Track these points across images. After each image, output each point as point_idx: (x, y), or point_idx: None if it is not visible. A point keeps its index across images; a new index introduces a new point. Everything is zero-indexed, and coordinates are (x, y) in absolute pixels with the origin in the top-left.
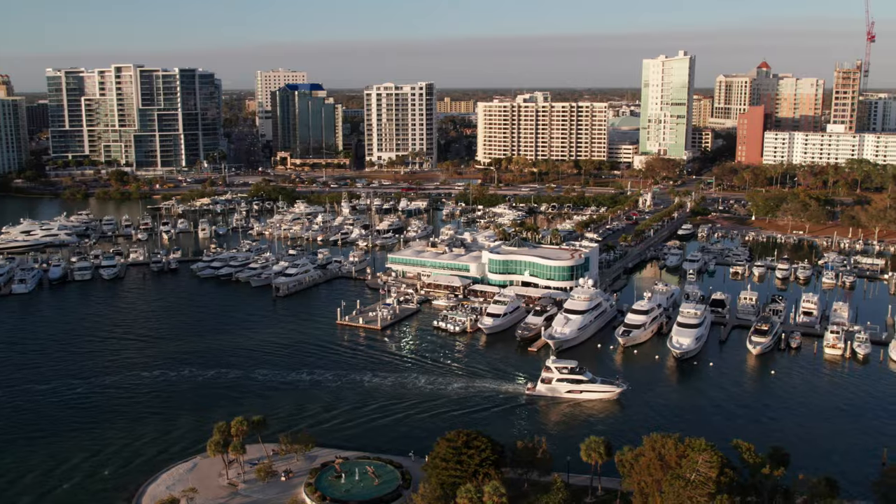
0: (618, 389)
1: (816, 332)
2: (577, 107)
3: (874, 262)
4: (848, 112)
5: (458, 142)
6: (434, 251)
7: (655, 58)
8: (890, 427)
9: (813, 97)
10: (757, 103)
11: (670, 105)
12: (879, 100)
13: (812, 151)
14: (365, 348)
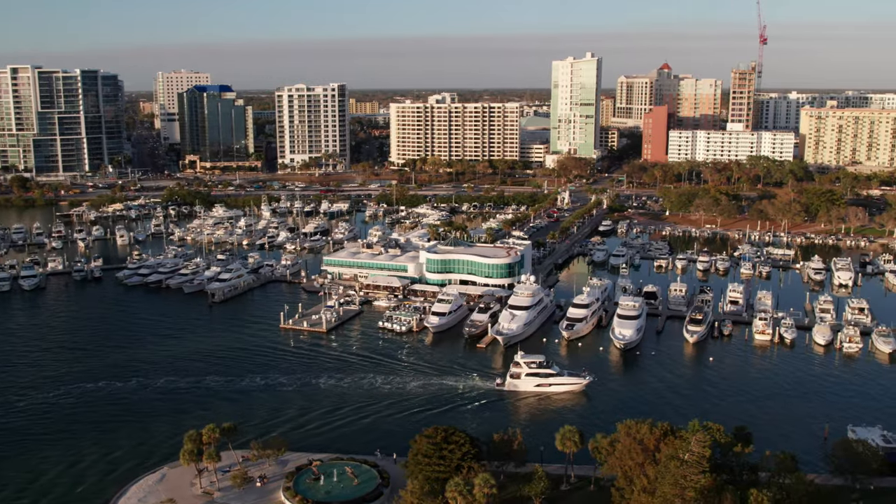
0: (584, 381)
1: (744, 320)
2: (489, 107)
3: (785, 252)
4: (744, 111)
5: (367, 143)
6: (370, 252)
7: (564, 59)
8: (826, 405)
9: (712, 97)
10: (659, 103)
11: (579, 105)
12: (770, 99)
13: (714, 149)
14: (314, 351)
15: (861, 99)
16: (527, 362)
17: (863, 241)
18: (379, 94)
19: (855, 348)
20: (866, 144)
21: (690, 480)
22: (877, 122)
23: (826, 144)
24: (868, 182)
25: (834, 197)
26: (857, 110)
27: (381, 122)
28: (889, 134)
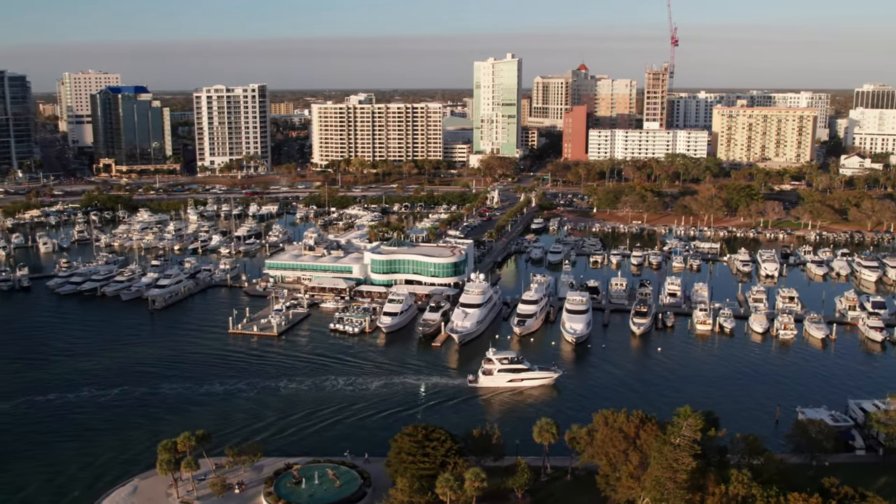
0: (555, 375)
1: (684, 312)
2: (412, 108)
3: (712, 245)
4: (659, 110)
5: (286, 144)
6: (313, 254)
7: (485, 60)
8: (771, 389)
9: (628, 97)
10: (577, 103)
11: (501, 105)
12: (681, 98)
13: (632, 147)
14: (269, 355)
15: (765, 98)
16: (499, 358)
17: (781, 233)
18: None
19: (790, 335)
20: (774, 141)
21: (682, 463)
22: (784, 121)
23: (737, 142)
24: (780, 177)
25: (752, 192)
26: (765, 109)
27: (298, 123)
28: (795, 131)
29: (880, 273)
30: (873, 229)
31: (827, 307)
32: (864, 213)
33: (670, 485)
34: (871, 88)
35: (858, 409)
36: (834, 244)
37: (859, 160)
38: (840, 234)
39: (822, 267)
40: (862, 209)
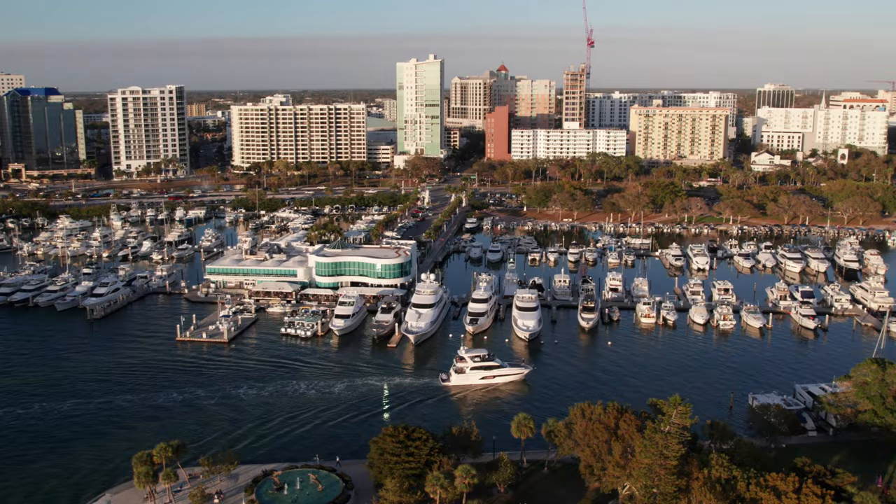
0: (525, 370)
1: (627, 306)
2: (335, 109)
3: (643, 241)
4: (577, 110)
5: (202, 147)
6: (255, 259)
7: (408, 61)
8: (719, 377)
9: (547, 97)
10: (498, 104)
11: (425, 106)
12: (596, 98)
13: (553, 147)
14: (223, 362)
15: (676, 98)
16: (471, 356)
17: (705, 228)
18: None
19: (730, 325)
20: (689, 140)
21: (672, 450)
22: (698, 120)
23: (654, 140)
24: (697, 174)
25: (676, 189)
26: (680, 109)
27: (212, 125)
28: (709, 130)
29: (804, 264)
30: (790, 222)
31: (758, 298)
32: (780, 208)
33: (661, 471)
34: (772, 88)
35: (806, 393)
36: (756, 238)
37: (769, 157)
38: (760, 227)
39: (749, 260)
40: (779, 204)
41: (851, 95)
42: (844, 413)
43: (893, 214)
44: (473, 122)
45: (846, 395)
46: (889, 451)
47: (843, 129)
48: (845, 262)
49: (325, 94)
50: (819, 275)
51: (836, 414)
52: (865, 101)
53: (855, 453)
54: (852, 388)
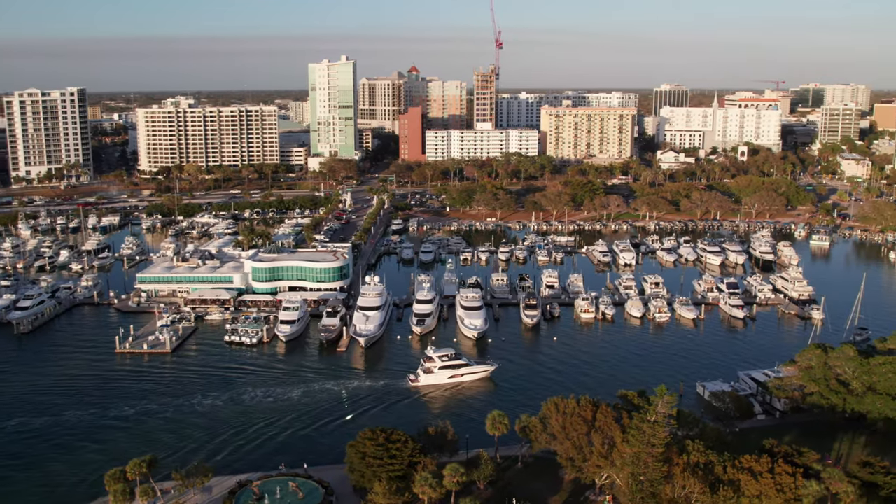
0: (491, 367)
1: (565, 302)
2: (246, 110)
3: (568, 239)
4: (489, 111)
5: (103, 151)
6: (187, 266)
7: (320, 62)
8: (666, 366)
9: (458, 98)
10: (410, 105)
11: (338, 108)
12: (503, 99)
13: (467, 147)
14: (169, 373)
15: (580, 98)
16: (439, 356)
17: (624, 224)
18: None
19: (665, 317)
20: (598, 139)
21: (659, 438)
22: (606, 119)
23: (565, 140)
24: (609, 173)
25: (594, 187)
26: (589, 109)
27: (111, 129)
28: (617, 129)
29: (723, 257)
30: (703, 217)
31: (685, 290)
32: (693, 204)
33: (649, 459)
34: (668, 88)
35: (749, 380)
36: (675, 233)
37: (674, 154)
38: (675, 223)
39: (671, 254)
40: (692, 200)
41: (746, 95)
42: (792, 396)
43: (797, 208)
44: (382, 123)
45: (792, 379)
46: (832, 429)
47: (740, 127)
48: (761, 255)
49: (222, 96)
50: (738, 267)
51: (783, 398)
52: (759, 100)
53: (803, 434)
54: (798, 373)
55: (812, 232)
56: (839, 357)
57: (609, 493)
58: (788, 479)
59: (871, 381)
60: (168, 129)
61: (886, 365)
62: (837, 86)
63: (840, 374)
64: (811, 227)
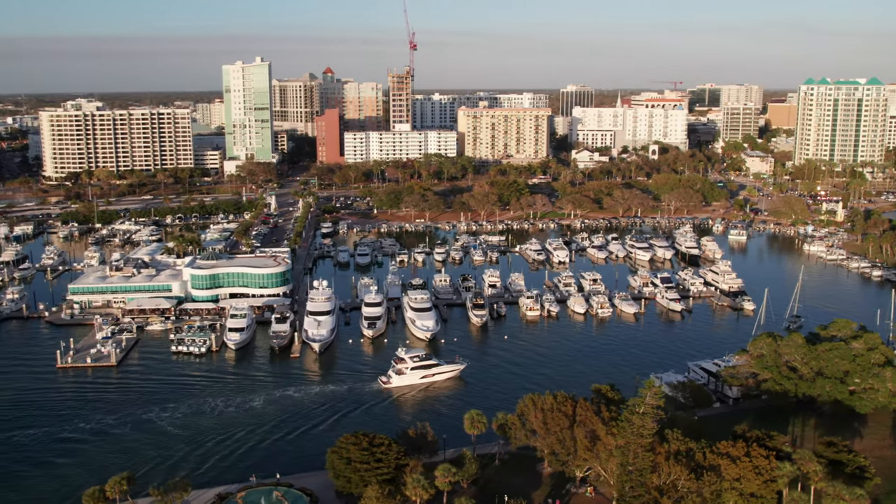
0: (461, 366)
1: (508, 301)
2: (158, 114)
3: (500, 238)
4: (405, 112)
5: (2, 156)
6: (121, 275)
7: (234, 63)
8: (617, 359)
9: (374, 100)
10: (326, 106)
11: (253, 110)
12: (417, 100)
13: (386, 148)
14: (118, 386)
15: (492, 99)
16: (411, 357)
17: (550, 223)
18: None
19: (607, 313)
20: (515, 139)
21: (647, 429)
22: (522, 120)
23: (483, 140)
24: (530, 172)
25: (519, 187)
26: (506, 110)
27: (5, 133)
28: (533, 130)
29: (652, 253)
30: (625, 215)
31: (620, 286)
32: (616, 202)
33: (639, 450)
34: (574, 89)
35: (699, 369)
36: (602, 230)
37: (589, 154)
38: (599, 220)
39: (602, 251)
40: (614, 198)
41: (651, 95)
42: (746, 384)
43: (711, 204)
44: (295, 124)
45: (744, 367)
46: (784, 413)
47: (649, 126)
48: (687, 249)
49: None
50: (666, 262)
51: (737, 385)
52: (664, 100)
53: (758, 419)
54: (751, 361)
55: (729, 227)
56: (789, 345)
57: (590, 485)
58: (764, 462)
59: (820, 366)
60: (75, 133)
61: (832, 351)
62: (732, 86)
63: (790, 361)
64: (727, 222)
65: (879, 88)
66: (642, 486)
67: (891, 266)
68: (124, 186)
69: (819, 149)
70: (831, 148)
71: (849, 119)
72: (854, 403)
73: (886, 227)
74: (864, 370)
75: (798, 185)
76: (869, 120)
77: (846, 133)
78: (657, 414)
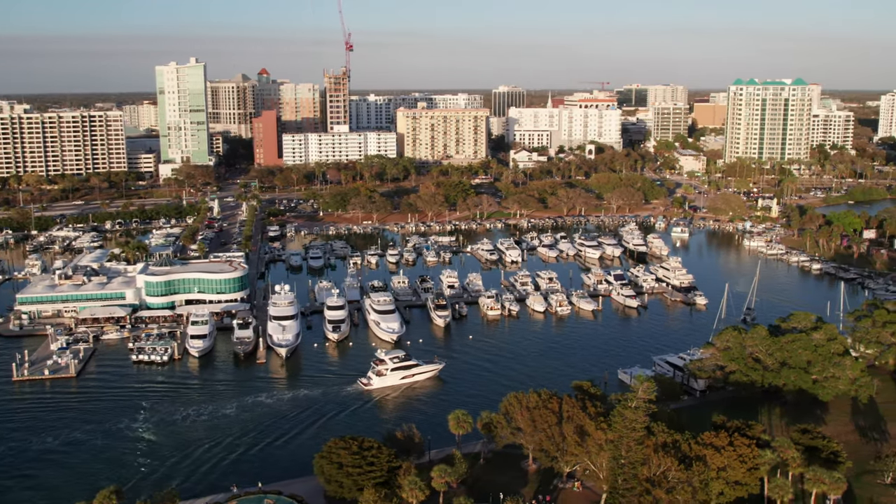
0: (439, 366)
1: (468, 301)
2: (90, 116)
3: (450, 239)
4: (342, 113)
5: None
6: (71, 283)
7: (168, 64)
8: (583, 355)
9: (311, 101)
10: (263, 108)
11: (189, 112)
12: (353, 101)
13: (326, 150)
14: (82, 398)
15: (427, 99)
16: (391, 358)
17: (497, 223)
18: None
19: (566, 311)
20: (455, 140)
21: (640, 423)
22: (461, 121)
23: (422, 141)
24: (472, 173)
25: (465, 187)
26: (445, 111)
27: None
28: (472, 130)
29: (601, 251)
30: (569, 213)
31: (574, 284)
32: (560, 201)
33: (632, 443)
34: (506, 89)
35: (665, 363)
36: (549, 230)
37: (527, 154)
38: (545, 219)
39: (552, 250)
40: (558, 197)
41: (584, 96)
42: (715, 376)
43: (651, 202)
44: (227, 126)
45: (711, 360)
46: (750, 403)
47: (584, 126)
48: (634, 247)
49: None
50: (615, 259)
51: (704, 378)
52: (597, 101)
53: (726, 409)
54: (717, 354)
55: (671, 224)
56: (754, 337)
57: (577, 480)
58: (747, 451)
59: (784, 357)
60: (1, 137)
61: (795, 342)
62: (659, 86)
63: (754, 353)
64: (668, 219)
65: (804, 88)
66: (634, 479)
67: (828, 259)
68: (56, 191)
69: (748, 147)
70: (760, 146)
71: (776, 118)
72: (817, 391)
73: (822, 223)
74: (826, 360)
75: (731, 183)
76: (795, 119)
77: (774, 131)
78: (649, 408)
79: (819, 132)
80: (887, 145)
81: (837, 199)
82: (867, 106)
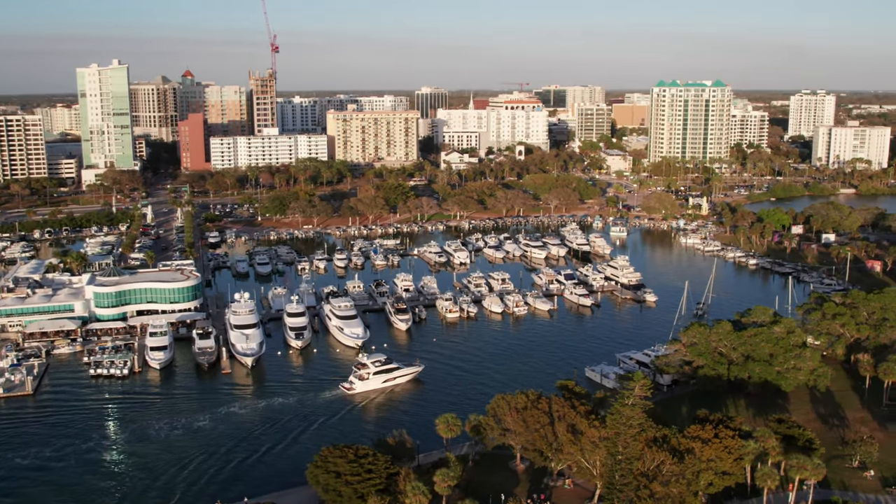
0: (419, 368)
1: (425, 304)
2: (6, 120)
3: (396, 242)
4: (270, 115)
5: None
6: (14, 296)
7: (89, 66)
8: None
9: (238, 103)
10: (187, 110)
11: (112, 115)
12: (278, 103)
13: (255, 153)
14: (43, 416)
15: (353, 101)
16: (373, 361)
17: (439, 225)
18: None
19: (523, 311)
20: (386, 142)
21: (636, 419)
22: (392, 123)
23: (353, 144)
24: (406, 175)
25: (404, 190)
26: (376, 113)
27: None
28: (403, 133)
29: (546, 251)
30: (508, 214)
31: (525, 284)
32: (499, 202)
33: (628, 439)
34: (428, 91)
35: (629, 360)
36: (492, 230)
37: (458, 155)
38: (486, 221)
39: (498, 251)
40: (497, 198)
41: (510, 97)
42: (684, 371)
43: (586, 202)
44: (147, 130)
45: (677, 355)
46: (715, 396)
47: (512, 128)
48: (578, 246)
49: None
50: (560, 259)
51: (671, 373)
52: (523, 102)
53: (695, 403)
54: (683, 349)
55: (609, 223)
56: (719, 332)
57: (568, 478)
58: (732, 442)
59: (748, 351)
60: None
61: (758, 336)
62: (577, 87)
63: (718, 347)
64: (605, 218)
65: (724, 90)
66: (630, 474)
67: (763, 255)
68: None
69: (672, 147)
70: (683, 146)
71: (698, 118)
72: (780, 383)
73: (753, 220)
74: (787, 352)
75: (659, 182)
76: (715, 119)
77: (696, 131)
78: (645, 405)
79: (736, 132)
80: (798, 143)
81: (760, 196)
82: (773, 106)
